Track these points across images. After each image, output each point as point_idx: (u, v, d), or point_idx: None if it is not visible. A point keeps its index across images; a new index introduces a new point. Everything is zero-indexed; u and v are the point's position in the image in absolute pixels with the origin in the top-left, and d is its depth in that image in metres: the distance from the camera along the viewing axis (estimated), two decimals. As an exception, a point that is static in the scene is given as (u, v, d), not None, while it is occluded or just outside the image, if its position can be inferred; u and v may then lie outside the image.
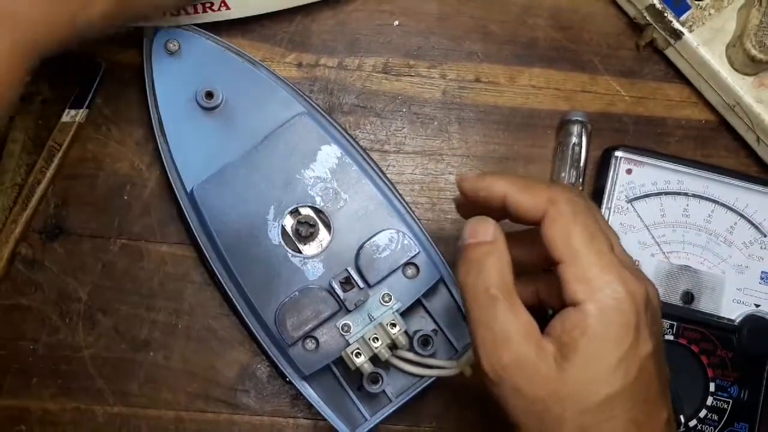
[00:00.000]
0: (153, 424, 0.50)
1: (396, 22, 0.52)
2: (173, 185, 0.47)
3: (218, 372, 0.50)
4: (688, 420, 0.47)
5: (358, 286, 0.45)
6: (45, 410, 0.49)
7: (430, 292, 0.47)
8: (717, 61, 0.48)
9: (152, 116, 0.47)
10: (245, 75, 0.48)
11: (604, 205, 0.49)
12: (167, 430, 0.50)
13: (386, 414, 0.47)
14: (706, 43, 0.48)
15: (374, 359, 0.45)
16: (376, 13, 0.52)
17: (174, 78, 0.47)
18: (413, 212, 0.48)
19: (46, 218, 0.50)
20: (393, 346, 0.45)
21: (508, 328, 0.34)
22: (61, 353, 0.49)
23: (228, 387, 0.50)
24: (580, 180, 0.50)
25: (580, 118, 0.50)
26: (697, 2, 0.49)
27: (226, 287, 0.47)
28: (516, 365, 0.34)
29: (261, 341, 0.47)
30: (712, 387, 0.48)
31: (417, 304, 0.47)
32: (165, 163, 0.48)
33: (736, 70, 0.48)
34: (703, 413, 0.47)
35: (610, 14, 0.52)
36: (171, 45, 0.47)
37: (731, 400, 0.48)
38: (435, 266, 0.46)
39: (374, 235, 0.46)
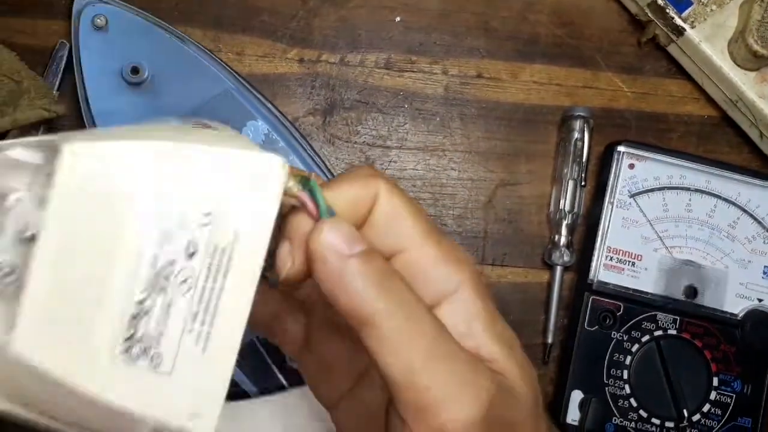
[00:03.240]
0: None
1: (398, 18, 0.52)
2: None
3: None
4: (691, 414, 0.47)
5: None
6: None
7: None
8: (719, 56, 0.48)
9: (79, 91, 0.47)
10: (173, 51, 0.48)
11: (606, 200, 0.49)
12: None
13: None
14: (708, 39, 0.48)
15: None
16: (378, 9, 0.52)
17: (100, 53, 0.47)
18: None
19: None
20: None
21: None
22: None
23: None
24: (583, 175, 0.50)
25: (582, 114, 0.50)
26: (699, -3, 0.49)
27: None
28: None
29: None
30: (715, 382, 0.48)
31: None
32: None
33: (739, 65, 0.48)
34: (706, 408, 0.47)
35: (612, 10, 0.52)
36: (98, 20, 0.47)
37: (734, 395, 0.48)
38: None
39: None
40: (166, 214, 0.22)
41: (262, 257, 0.23)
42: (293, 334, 0.30)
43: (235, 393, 0.47)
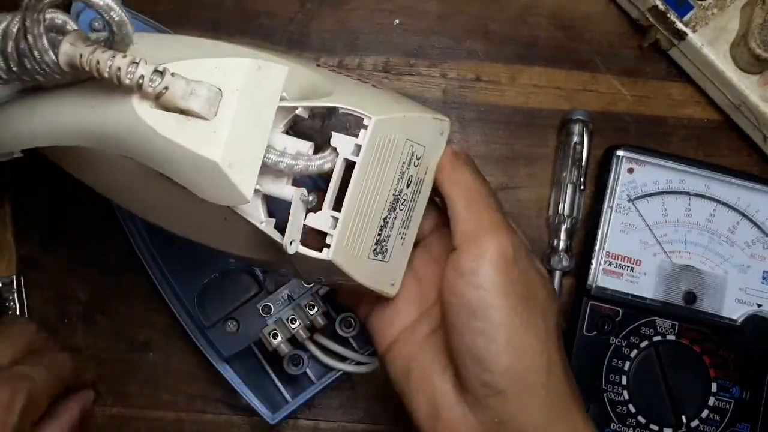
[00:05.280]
0: (152, 426, 0.50)
1: (396, 21, 0.51)
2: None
3: (218, 372, 0.50)
4: (690, 420, 0.47)
5: None
6: (44, 411, 0.49)
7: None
8: (721, 60, 0.48)
9: None
10: None
11: (605, 204, 0.48)
12: (167, 431, 0.50)
13: (308, 396, 0.47)
14: (709, 43, 0.48)
15: (293, 341, 0.46)
16: (377, 11, 0.51)
17: None
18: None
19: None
20: (312, 328, 0.46)
21: None
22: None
23: (228, 388, 0.49)
24: (582, 179, 0.49)
25: (581, 117, 0.50)
26: (699, 2, 0.48)
27: (150, 271, 0.47)
28: None
29: (183, 323, 0.47)
30: (714, 387, 0.47)
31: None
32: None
33: (741, 69, 0.48)
34: (705, 414, 0.47)
35: (612, 13, 0.52)
36: (96, 24, 0.46)
37: (733, 401, 0.48)
38: None
39: None
40: (405, 159, 0.34)
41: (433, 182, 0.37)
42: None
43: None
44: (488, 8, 0.52)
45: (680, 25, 0.48)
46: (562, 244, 0.49)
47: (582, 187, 0.50)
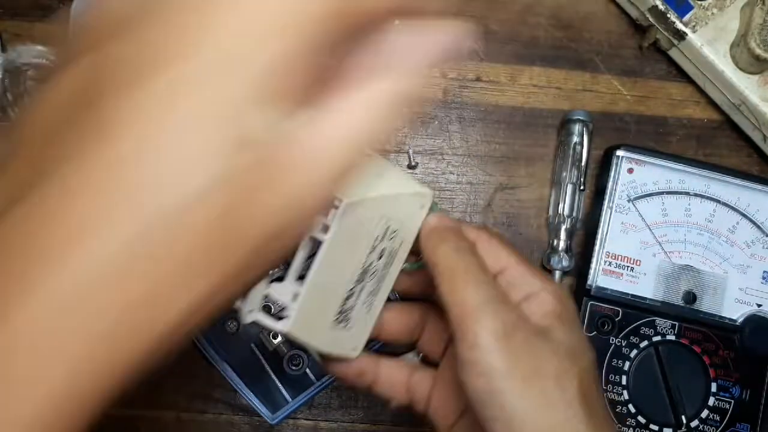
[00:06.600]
0: (152, 425, 0.49)
1: (396, 21, 0.51)
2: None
3: (218, 372, 0.50)
4: (689, 420, 0.47)
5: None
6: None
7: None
8: (721, 60, 0.48)
9: None
10: None
11: (605, 205, 0.48)
12: (167, 431, 0.50)
13: (308, 396, 0.48)
14: (709, 43, 0.48)
15: (293, 341, 0.45)
16: (377, 11, 0.51)
17: None
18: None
19: None
20: None
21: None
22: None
23: (228, 388, 0.49)
24: (582, 179, 0.49)
25: (581, 117, 0.50)
26: (699, 2, 0.48)
27: None
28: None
29: None
30: (713, 387, 0.47)
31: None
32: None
33: (741, 69, 0.48)
34: (704, 414, 0.47)
35: (612, 13, 0.52)
36: None
37: (733, 401, 0.48)
38: None
39: None
40: (378, 234, 0.33)
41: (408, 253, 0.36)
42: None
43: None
44: (488, 8, 0.52)
45: (680, 25, 0.48)
46: (562, 244, 0.49)
47: (582, 187, 0.50)
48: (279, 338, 0.45)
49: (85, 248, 0.19)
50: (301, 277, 0.30)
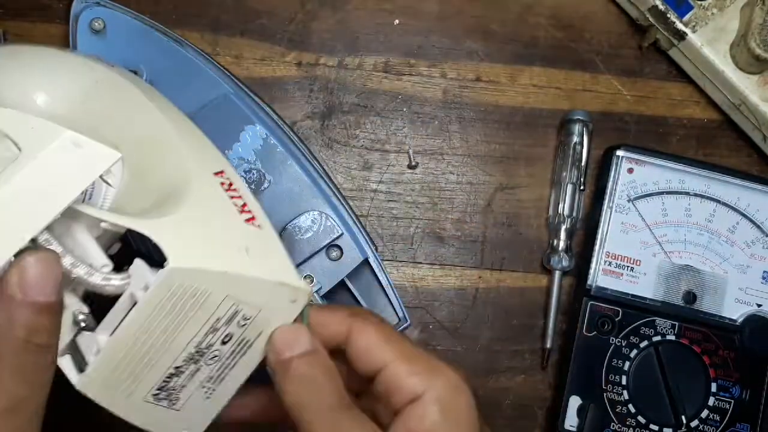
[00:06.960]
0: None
1: (396, 21, 0.51)
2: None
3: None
4: (689, 420, 0.47)
5: None
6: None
7: (355, 273, 0.47)
8: (721, 60, 0.48)
9: None
10: (171, 54, 0.48)
11: (605, 205, 0.49)
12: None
13: None
14: (709, 43, 0.48)
15: None
16: (377, 12, 0.51)
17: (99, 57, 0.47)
18: (343, 195, 0.48)
19: None
20: None
21: None
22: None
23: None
24: (582, 179, 0.49)
25: (581, 117, 0.50)
26: (699, 2, 0.48)
27: None
28: None
29: None
30: (713, 387, 0.47)
31: (343, 286, 0.47)
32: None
33: (741, 69, 0.48)
34: (704, 414, 0.47)
35: (612, 13, 0.52)
36: (96, 24, 0.47)
37: (733, 401, 0.48)
38: (359, 248, 0.47)
39: (297, 217, 0.46)
40: (222, 315, 0.30)
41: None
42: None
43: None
44: (488, 8, 0.52)
45: (680, 25, 0.48)
46: (562, 244, 0.49)
47: (582, 187, 0.50)
48: None
49: None
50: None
